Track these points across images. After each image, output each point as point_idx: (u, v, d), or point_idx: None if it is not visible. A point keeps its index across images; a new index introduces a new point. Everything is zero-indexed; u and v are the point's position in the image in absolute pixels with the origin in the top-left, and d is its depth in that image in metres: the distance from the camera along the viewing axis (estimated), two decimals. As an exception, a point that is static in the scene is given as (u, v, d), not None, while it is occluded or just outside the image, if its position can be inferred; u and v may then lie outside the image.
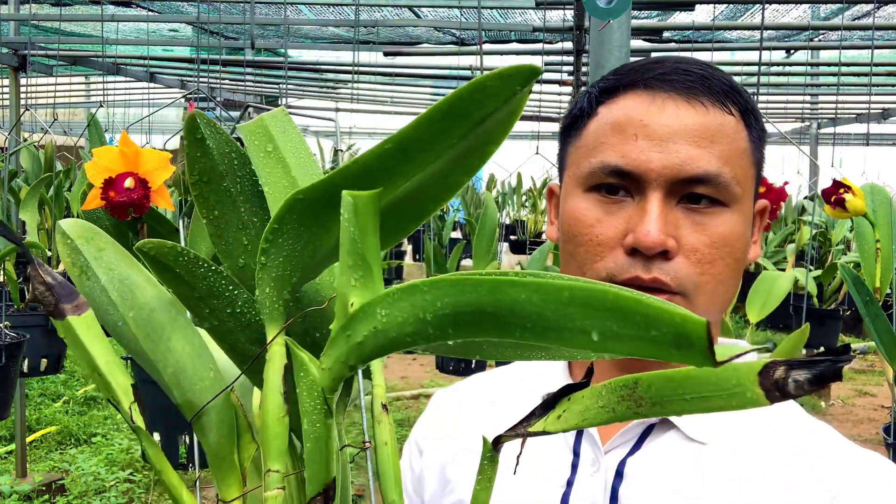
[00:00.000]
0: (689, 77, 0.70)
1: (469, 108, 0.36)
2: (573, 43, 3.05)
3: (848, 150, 7.61)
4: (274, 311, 0.45)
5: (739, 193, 0.70)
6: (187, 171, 0.48)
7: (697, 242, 0.68)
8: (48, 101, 6.29)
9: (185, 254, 0.47)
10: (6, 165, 3.10)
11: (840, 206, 1.95)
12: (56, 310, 0.46)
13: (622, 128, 0.70)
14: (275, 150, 0.49)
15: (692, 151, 0.68)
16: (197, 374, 0.50)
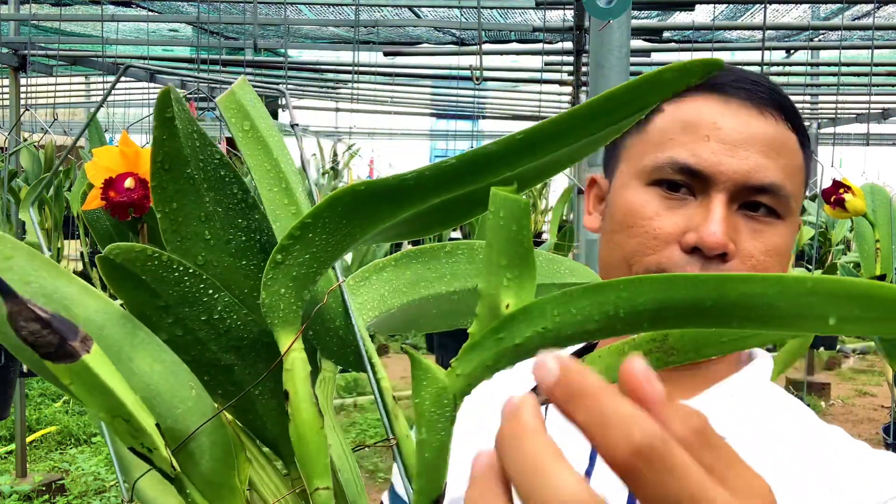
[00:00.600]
0: (761, 89, 0.71)
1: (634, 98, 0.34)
2: (573, 43, 3.05)
3: (848, 150, 7.61)
4: (290, 314, 0.40)
5: (794, 208, 0.71)
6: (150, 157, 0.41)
7: (753, 249, 0.69)
8: (48, 101, 6.29)
9: (155, 257, 0.40)
10: (6, 165, 3.10)
11: (840, 206, 1.95)
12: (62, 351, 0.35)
13: (694, 127, 0.70)
14: (252, 129, 0.44)
15: (761, 160, 0.69)
16: (176, 396, 0.42)
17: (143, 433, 0.39)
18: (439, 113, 8.67)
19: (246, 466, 0.45)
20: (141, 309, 0.42)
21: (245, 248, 0.44)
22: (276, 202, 0.43)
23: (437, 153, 12.34)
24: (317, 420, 0.41)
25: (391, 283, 0.49)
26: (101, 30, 4.01)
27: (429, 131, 10.91)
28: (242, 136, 0.44)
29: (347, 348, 0.45)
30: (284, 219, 0.43)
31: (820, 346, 4.02)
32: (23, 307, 0.35)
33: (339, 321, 0.45)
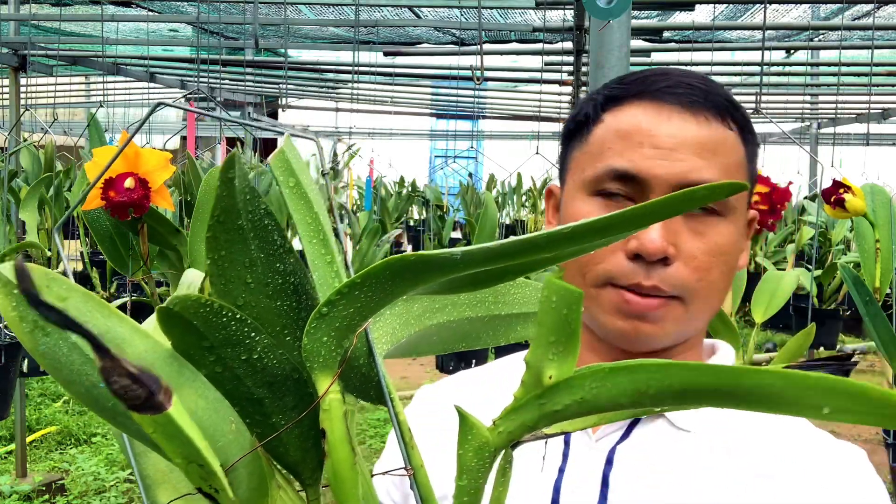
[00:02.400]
0: (694, 91, 0.73)
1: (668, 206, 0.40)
2: (573, 43, 3.05)
3: (848, 150, 7.61)
4: (329, 359, 0.44)
5: (735, 206, 0.74)
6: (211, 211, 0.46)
7: (696, 250, 0.72)
8: (48, 101, 6.29)
9: (207, 305, 0.44)
10: (6, 165, 3.10)
11: (840, 206, 1.95)
12: (149, 403, 0.38)
13: (629, 135, 0.73)
14: (297, 185, 0.49)
15: (696, 162, 0.71)
16: (217, 430, 0.47)
17: (214, 476, 0.43)
18: (439, 113, 8.68)
19: (276, 493, 0.49)
20: (186, 349, 0.45)
21: (280, 290, 0.48)
22: (316, 253, 0.48)
23: (437, 153, 12.34)
24: (351, 458, 0.45)
25: (402, 317, 0.53)
26: (101, 30, 4.01)
27: (429, 131, 10.92)
28: (289, 192, 0.48)
29: (369, 384, 0.49)
30: (322, 268, 0.47)
31: (820, 346, 4.01)
32: (116, 363, 0.38)
33: (363, 360, 0.48)
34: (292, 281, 0.48)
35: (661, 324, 0.73)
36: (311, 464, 0.49)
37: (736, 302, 2.06)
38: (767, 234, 4.44)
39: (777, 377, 0.35)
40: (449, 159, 5.95)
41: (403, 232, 6.81)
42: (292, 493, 0.50)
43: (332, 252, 0.48)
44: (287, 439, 0.48)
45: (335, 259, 0.48)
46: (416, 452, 0.49)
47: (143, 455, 0.53)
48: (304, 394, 0.47)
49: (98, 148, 2.05)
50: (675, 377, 0.37)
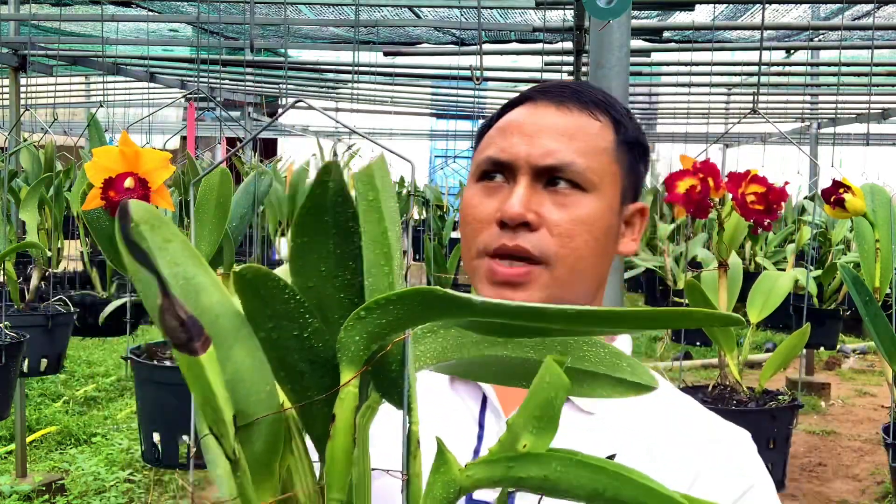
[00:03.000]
0: (564, 91, 0.86)
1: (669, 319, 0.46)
2: (573, 43, 3.05)
3: (848, 150, 7.61)
4: (356, 356, 0.50)
5: (596, 181, 0.83)
6: (304, 202, 0.52)
7: (558, 219, 0.81)
8: (48, 101, 6.29)
9: (275, 280, 0.50)
10: (6, 165, 3.10)
11: (840, 206, 1.95)
12: (187, 347, 0.47)
13: (504, 130, 0.85)
14: (375, 199, 0.53)
15: (553, 145, 0.82)
16: (254, 387, 0.52)
17: (222, 423, 0.50)
18: (439, 113, 8.68)
19: (287, 456, 0.55)
20: (251, 311, 0.52)
21: (347, 285, 0.54)
22: (375, 262, 0.53)
23: (437, 153, 12.33)
24: (349, 446, 0.51)
25: (457, 339, 0.57)
26: (101, 30, 4.01)
27: (429, 131, 10.91)
28: (366, 204, 0.53)
29: (395, 388, 0.53)
30: (377, 276, 0.53)
31: (820, 346, 4.01)
32: (172, 305, 0.45)
33: (396, 366, 0.53)
34: (359, 280, 0.54)
35: (528, 290, 0.80)
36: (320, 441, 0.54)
37: (732, 301, 2.06)
38: (767, 235, 4.44)
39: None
40: (449, 159, 5.95)
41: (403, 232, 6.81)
42: (307, 465, 0.55)
43: (391, 265, 0.53)
44: (316, 414, 0.54)
45: (393, 271, 0.53)
46: (417, 462, 0.53)
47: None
48: (338, 381, 0.52)
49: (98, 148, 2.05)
50: (631, 490, 0.43)
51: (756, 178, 1.81)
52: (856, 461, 4.91)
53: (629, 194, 0.88)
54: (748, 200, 1.80)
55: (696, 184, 1.77)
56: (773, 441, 1.93)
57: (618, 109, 0.87)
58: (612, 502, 0.43)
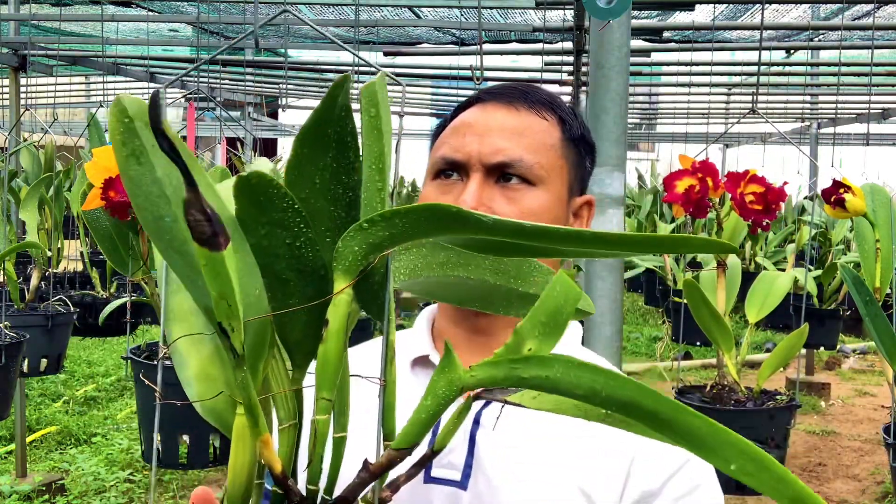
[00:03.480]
0: (513, 92, 0.91)
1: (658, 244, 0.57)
2: (573, 43, 3.05)
3: (848, 150, 7.61)
4: (352, 266, 0.51)
5: (544, 176, 0.88)
6: (311, 115, 0.53)
7: (509, 212, 0.86)
8: (48, 101, 6.29)
9: (278, 187, 0.51)
10: (6, 165, 3.10)
11: (840, 206, 1.95)
12: (211, 241, 0.47)
13: (457, 129, 0.90)
14: (376, 116, 0.55)
15: (502, 143, 0.87)
16: (244, 290, 0.54)
17: (235, 318, 0.51)
18: (439, 113, 8.67)
19: (270, 359, 0.57)
20: (246, 217, 0.53)
21: (338, 198, 0.56)
22: (371, 178, 0.54)
23: (437, 153, 12.32)
24: (341, 350, 0.53)
25: (426, 259, 0.59)
26: (101, 30, 4.01)
27: (429, 131, 10.91)
28: (368, 119, 0.54)
29: (375, 300, 0.55)
30: (371, 191, 0.54)
31: (820, 346, 4.02)
32: (198, 199, 0.46)
33: (378, 277, 0.54)
34: (350, 195, 0.56)
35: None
36: (305, 349, 0.57)
37: (730, 301, 2.06)
38: (767, 235, 4.44)
39: (706, 424, 0.43)
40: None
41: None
42: (282, 368, 0.58)
43: (384, 180, 0.54)
44: (295, 320, 0.56)
45: (385, 187, 0.54)
46: (392, 369, 0.56)
47: (175, 293, 0.62)
48: (322, 290, 0.55)
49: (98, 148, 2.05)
50: (627, 391, 0.44)
51: (755, 177, 1.81)
52: (856, 461, 4.91)
53: (576, 188, 0.93)
54: (747, 200, 1.80)
55: (695, 184, 1.77)
56: (771, 440, 1.93)
57: (564, 109, 0.93)
58: (606, 400, 0.45)
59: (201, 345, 0.61)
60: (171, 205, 0.53)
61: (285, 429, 0.57)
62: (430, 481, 0.84)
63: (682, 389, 2.08)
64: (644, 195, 5.82)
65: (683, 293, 1.92)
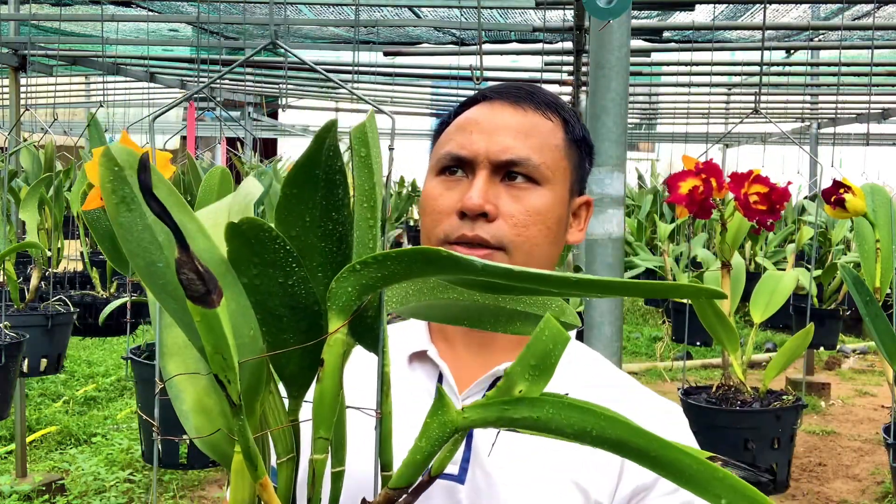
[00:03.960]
0: (519, 91, 0.92)
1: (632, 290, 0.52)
2: (573, 43, 3.05)
3: (848, 150, 7.61)
4: (346, 305, 0.53)
5: (549, 176, 0.89)
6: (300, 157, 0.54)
7: (514, 210, 0.87)
8: (48, 101, 6.29)
9: (268, 230, 0.53)
10: (6, 165, 3.10)
11: (840, 206, 1.95)
12: (204, 299, 0.48)
13: (463, 127, 0.91)
14: (367, 156, 0.56)
15: (510, 142, 0.88)
16: (238, 331, 0.55)
17: (231, 370, 0.52)
18: (439, 113, 8.67)
19: (266, 395, 0.58)
20: (238, 258, 0.54)
21: (329, 234, 0.57)
22: (362, 216, 0.55)
23: (437, 153, 12.31)
24: (337, 389, 0.54)
25: (417, 285, 0.60)
26: (101, 30, 4.01)
27: (429, 131, 10.90)
28: (358, 159, 0.56)
29: (369, 333, 0.56)
30: (364, 229, 0.55)
31: (820, 346, 4.01)
32: (189, 259, 0.47)
33: (372, 313, 0.55)
34: (340, 230, 0.57)
35: None
36: (300, 381, 0.58)
37: (735, 302, 2.06)
38: (767, 235, 4.43)
39: (696, 461, 0.44)
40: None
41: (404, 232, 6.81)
42: (278, 401, 0.59)
43: (376, 218, 0.56)
44: (291, 355, 0.57)
45: (377, 224, 0.56)
46: (388, 401, 0.57)
47: (168, 328, 0.63)
48: (316, 325, 0.56)
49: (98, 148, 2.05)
50: (617, 430, 0.46)
51: (759, 178, 1.81)
52: (856, 461, 4.91)
53: (576, 188, 0.95)
54: (751, 201, 1.80)
55: (699, 184, 1.77)
56: (777, 441, 1.93)
57: (567, 110, 0.94)
58: (597, 439, 0.47)
59: (196, 378, 0.62)
60: (164, 250, 0.54)
61: (283, 463, 0.58)
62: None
63: (687, 390, 2.08)
64: (644, 195, 5.82)
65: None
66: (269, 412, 0.59)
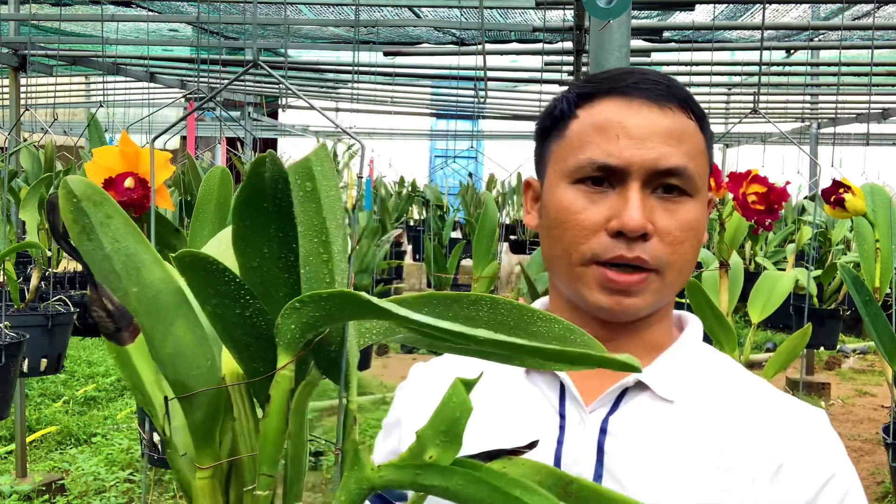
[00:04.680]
0: (659, 87, 0.82)
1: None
2: (573, 43, 3.05)
3: (848, 150, 7.61)
4: (292, 342, 0.52)
5: (701, 186, 0.82)
6: (238, 192, 0.54)
7: (670, 226, 0.80)
8: (48, 101, 6.29)
9: (214, 264, 0.52)
10: (6, 165, 3.10)
11: (840, 206, 1.95)
12: (115, 336, 0.51)
13: (604, 129, 0.81)
14: (313, 190, 0.54)
15: (665, 149, 0.80)
16: (195, 362, 0.55)
17: (151, 405, 0.54)
18: (439, 113, 8.67)
19: (229, 423, 0.58)
20: (197, 289, 0.54)
21: (290, 266, 0.56)
22: (313, 251, 0.54)
23: (437, 153, 12.32)
24: (282, 427, 0.54)
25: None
26: (101, 30, 4.01)
27: (429, 131, 10.91)
28: (303, 194, 0.54)
29: (334, 367, 0.56)
30: (315, 264, 0.54)
31: (820, 346, 4.01)
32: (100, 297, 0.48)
33: (335, 347, 0.55)
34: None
35: (643, 296, 0.81)
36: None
37: (733, 302, 2.06)
38: (767, 235, 4.43)
39: None
40: (449, 159, 5.95)
41: (403, 232, 6.81)
42: (252, 426, 0.59)
43: (331, 253, 0.54)
44: (263, 383, 0.56)
45: (332, 259, 0.54)
46: (350, 439, 0.56)
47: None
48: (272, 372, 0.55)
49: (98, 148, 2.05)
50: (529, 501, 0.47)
51: (757, 178, 1.81)
52: (856, 461, 4.91)
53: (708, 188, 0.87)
54: (749, 200, 1.80)
55: (697, 184, 1.77)
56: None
57: (698, 106, 0.85)
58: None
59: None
60: (122, 279, 0.55)
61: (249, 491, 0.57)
62: None
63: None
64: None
65: (686, 293, 1.92)
66: (240, 438, 0.58)
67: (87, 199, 0.55)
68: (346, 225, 0.56)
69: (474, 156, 7.96)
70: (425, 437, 0.49)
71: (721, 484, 0.78)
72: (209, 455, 0.57)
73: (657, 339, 0.86)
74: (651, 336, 0.86)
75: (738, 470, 0.78)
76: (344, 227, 0.56)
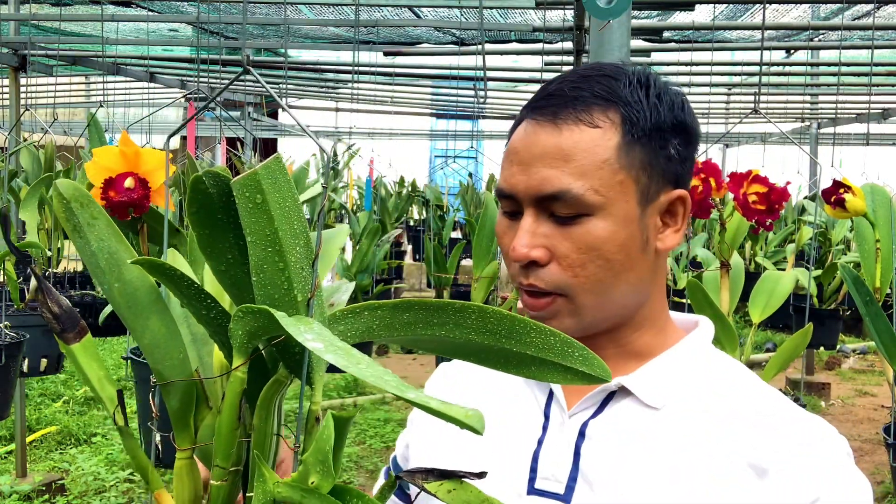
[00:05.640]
0: (560, 100, 0.79)
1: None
2: (573, 43, 3.04)
3: (848, 150, 7.61)
4: (242, 346, 0.56)
5: (600, 200, 0.77)
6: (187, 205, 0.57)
7: (566, 250, 0.78)
8: (48, 101, 6.29)
9: (173, 271, 0.56)
10: (6, 165, 3.09)
11: (840, 206, 1.95)
12: (62, 336, 0.58)
13: (508, 154, 0.82)
14: (262, 202, 0.55)
15: (546, 172, 0.77)
16: (168, 353, 0.61)
17: (100, 399, 0.62)
18: (439, 113, 8.67)
19: (205, 412, 0.64)
20: (170, 289, 0.59)
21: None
22: (267, 259, 0.55)
23: (437, 153, 12.32)
24: (234, 423, 0.58)
25: (384, 320, 0.57)
26: (101, 30, 4.01)
27: (429, 131, 10.91)
28: (252, 206, 0.55)
29: (298, 367, 0.58)
30: (271, 273, 0.56)
31: (820, 346, 4.01)
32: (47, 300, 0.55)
33: (298, 347, 0.56)
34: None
35: (558, 319, 0.80)
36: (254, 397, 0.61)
37: (734, 302, 2.06)
38: (767, 234, 4.43)
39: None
40: (449, 159, 5.95)
41: (403, 232, 6.81)
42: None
43: (287, 262, 0.56)
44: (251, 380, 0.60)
45: (289, 266, 0.56)
46: (311, 437, 0.58)
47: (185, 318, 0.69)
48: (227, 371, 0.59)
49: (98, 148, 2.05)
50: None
51: (758, 178, 1.81)
52: (856, 461, 4.91)
53: (656, 188, 0.80)
54: (750, 200, 1.80)
55: (698, 184, 1.77)
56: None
57: (626, 101, 0.78)
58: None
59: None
60: (106, 275, 0.59)
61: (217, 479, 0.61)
62: (533, 493, 0.81)
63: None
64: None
65: (686, 293, 1.92)
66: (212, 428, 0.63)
67: (75, 200, 0.59)
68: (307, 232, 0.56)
69: (474, 156, 7.96)
70: (308, 463, 0.53)
71: (705, 491, 0.75)
72: (186, 438, 0.63)
73: (641, 346, 0.85)
74: (634, 343, 0.85)
75: (725, 477, 0.76)
76: (306, 234, 0.56)
